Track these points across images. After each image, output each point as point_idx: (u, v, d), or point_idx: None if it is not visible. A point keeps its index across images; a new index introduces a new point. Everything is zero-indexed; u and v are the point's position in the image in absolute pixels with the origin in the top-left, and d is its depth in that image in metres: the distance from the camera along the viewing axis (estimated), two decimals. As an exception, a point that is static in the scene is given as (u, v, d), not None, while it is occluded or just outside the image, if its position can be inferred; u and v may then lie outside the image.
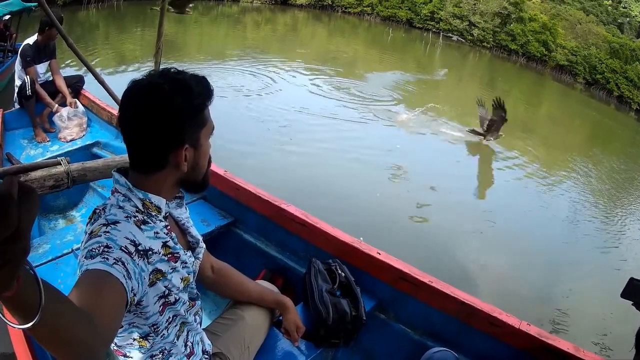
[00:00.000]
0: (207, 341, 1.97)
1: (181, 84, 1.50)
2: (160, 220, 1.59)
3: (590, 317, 6.07)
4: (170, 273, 1.56)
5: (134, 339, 1.56)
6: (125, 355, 1.62)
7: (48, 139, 5.60)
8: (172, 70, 1.55)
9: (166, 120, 1.47)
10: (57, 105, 5.77)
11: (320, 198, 7.23)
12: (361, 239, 3.04)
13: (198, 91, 1.53)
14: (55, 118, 5.60)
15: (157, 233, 1.54)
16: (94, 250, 1.32)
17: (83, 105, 5.87)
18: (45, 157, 4.90)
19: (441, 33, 38.38)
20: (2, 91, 9.16)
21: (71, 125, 5.53)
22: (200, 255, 1.86)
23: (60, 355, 1.02)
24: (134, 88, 1.52)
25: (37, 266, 2.80)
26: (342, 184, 8.21)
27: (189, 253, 1.73)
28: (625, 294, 1.93)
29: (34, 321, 0.83)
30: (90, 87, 6.12)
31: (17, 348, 2.08)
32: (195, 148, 1.57)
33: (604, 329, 5.71)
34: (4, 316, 0.83)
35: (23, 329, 0.85)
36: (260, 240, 3.50)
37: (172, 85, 1.48)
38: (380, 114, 12.75)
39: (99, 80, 3.94)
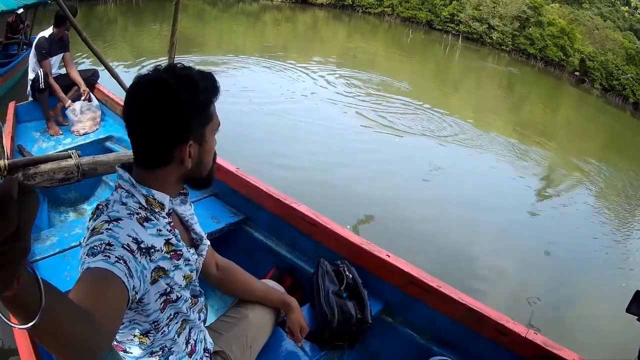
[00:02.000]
0: (209, 339, 1.96)
1: (187, 80, 1.49)
2: (164, 217, 1.58)
3: (596, 328, 6.04)
4: (173, 271, 1.56)
5: (135, 335, 1.56)
6: (125, 351, 1.62)
7: (61, 132, 5.64)
8: (179, 65, 1.55)
9: (171, 116, 1.46)
10: (69, 101, 5.81)
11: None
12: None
13: (204, 87, 1.52)
14: (69, 111, 5.63)
15: (160, 230, 1.53)
16: (95, 247, 1.31)
17: (97, 99, 5.93)
18: (57, 150, 4.92)
19: (461, 35, 38.37)
20: (17, 83, 9.24)
21: (84, 118, 5.55)
22: (204, 253, 1.85)
23: (62, 355, 1.01)
24: (139, 83, 1.51)
25: (44, 258, 2.84)
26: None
27: (192, 250, 1.72)
28: (630, 309, 1.88)
29: (34, 321, 0.82)
30: (105, 82, 6.14)
31: (20, 346, 2.08)
32: (200, 144, 1.56)
33: (610, 341, 5.66)
34: (4, 316, 0.82)
35: (23, 329, 0.84)
36: (270, 238, 3.49)
37: (177, 81, 1.47)
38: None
39: (112, 74, 3.95)
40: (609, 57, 34.64)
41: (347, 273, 2.79)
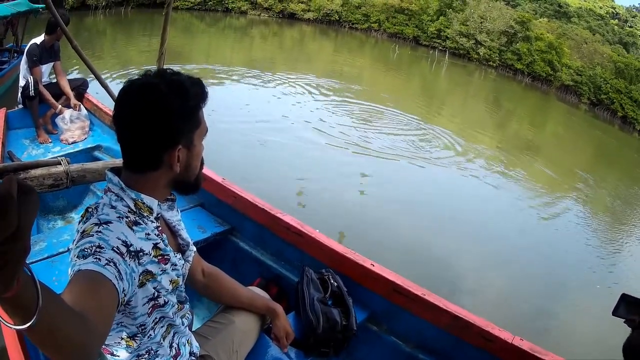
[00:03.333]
0: (195, 343, 1.96)
1: (177, 85, 1.51)
2: (152, 221, 1.59)
3: (583, 333, 6.06)
4: (160, 275, 1.56)
5: (122, 338, 1.56)
6: (112, 354, 1.62)
7: (50, 140, 5.63)
8: (169, 70, 1.57)
9: (161, 120, 1.48)
10: (60, 106, 5.79)
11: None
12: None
13: (194, 92, 1.54)
14: (58, 120, 5.62)
15: (149, 234, 1.54)
16: (86, 250, 1.32)
17: (86, 108, 5.90)
18: (46, 158, 4.92)
19: (447, 51, 38.52)
20: (7, 90, 9.22)
21: (73, 127, 5.55)
22: (190, 259, 1.86)
23: (55, 356, 1.01)
24: (131, 87, 1.53)
25: (32, 263, 2.84)
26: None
27: (179, 255, 1.73)
28: (617, 312, 1.87)
29: (30, 322, 0.83)
30: (94, 91, 6.14)
31: (9, 345, 2.08)
32: (188, 149, 1.58)
33: (597, 345, 5.69)
34: (0, 317, 0.83)
35: (20, 330, 0.84)
36: (256, 248, 3.51)
37: (168, 86, 1.50)
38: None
39: (102, 83, 3.96)
40: (598, 71, 34.80)
41: (332, 281, 2.81)
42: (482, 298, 6.30)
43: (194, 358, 1.91)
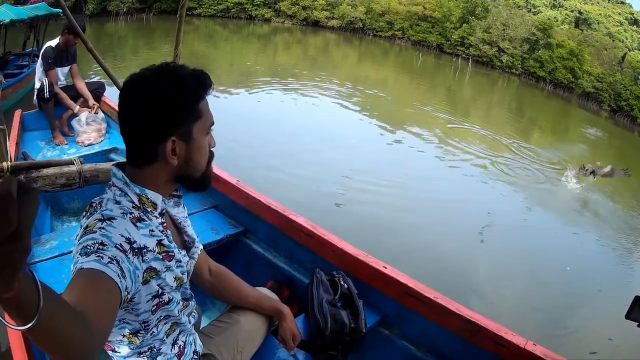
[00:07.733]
0: (199, 342, 1.95)
1: (172, 76, 1.50)
2: (156, 217, 1.58)
3: (597, 337, 5.99)
4: (164, 272, 1.55)
5: (124, 335, 1.55)
6: (113, 350, 1.61)
7: (66, 142, 5.66)
8: (171, 64, 1.56)
9: (152, 111, 1.47)
10: (78, 106, 5.85)
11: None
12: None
13: (189, 83, 1.52)
14: (74, 122, 5.66)
15: (153, 231, 1.54)
16: (88, 247, 1.31)
17: (103, 111, 5.96)
18: None
19: (470, 59, 38.40)
20: (28, 94, 9.37)
21: (89, 130, 5.57)
22: (196, 256, 1.85)
23: (56, 356, 1.02)
24: (128, 81, 1.53)
25: (43, 260, 2.88)
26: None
27: (184, 252, 1.71)
28: (630, 315, 1.83)
29: (31, 323, 0.83)
30: (111, 94, 6.17)
31: (13, 345, 2.09)
32: (186, 142, 1.54)
33: (612, 349, 5.63)
34: (2, 317, 0.83)
35: (20, 330, 0.84)
36: (268, 251, 3.50)
37: (161, 77, 1.49)
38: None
39: (117, 86, 3.95)
40: (618, 78, 34.50)
41: (342, 283, 2.78)
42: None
43: (197, 357, 1.90)
